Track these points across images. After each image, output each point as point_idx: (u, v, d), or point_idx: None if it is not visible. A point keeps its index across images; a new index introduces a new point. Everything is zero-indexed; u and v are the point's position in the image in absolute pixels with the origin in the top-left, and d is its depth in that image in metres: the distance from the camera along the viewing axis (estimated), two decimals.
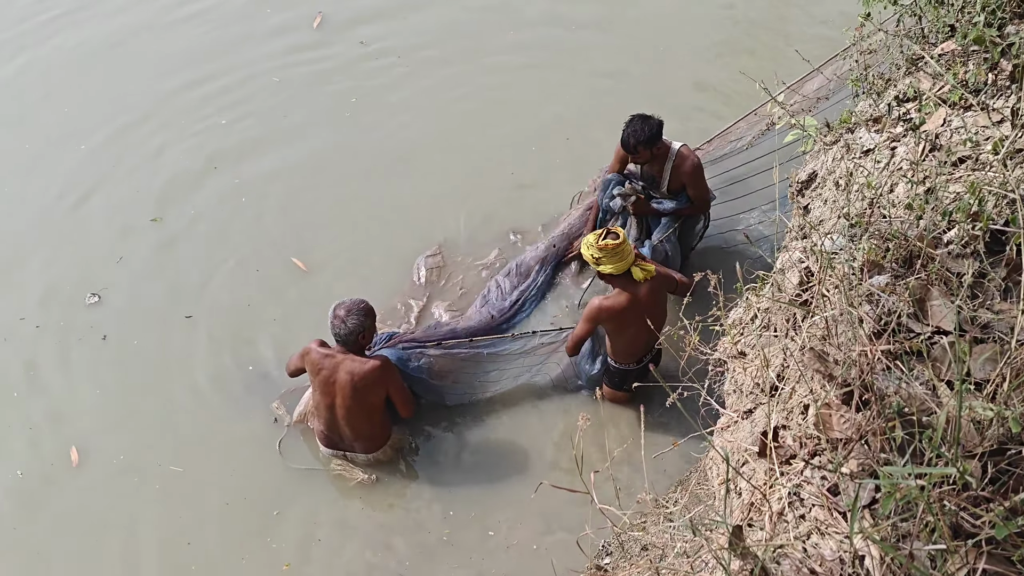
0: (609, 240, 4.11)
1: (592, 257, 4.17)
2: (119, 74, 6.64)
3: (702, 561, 2.59)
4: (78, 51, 6.84)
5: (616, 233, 4.14)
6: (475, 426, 4.66)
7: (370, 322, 4.20)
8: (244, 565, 4.18)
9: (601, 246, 4.11)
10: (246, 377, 4.86)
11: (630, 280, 4.22)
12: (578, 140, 6.05)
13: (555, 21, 7.00)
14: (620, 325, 4.29)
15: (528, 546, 4.20)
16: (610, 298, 4.26)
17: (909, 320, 2.37)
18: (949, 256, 2.52)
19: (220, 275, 5.35)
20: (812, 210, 3.58)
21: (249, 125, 6.24)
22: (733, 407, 3.13)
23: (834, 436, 2.25)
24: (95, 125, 6.23)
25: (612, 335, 4.44)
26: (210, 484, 4.45)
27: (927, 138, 3.05)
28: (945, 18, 3.53)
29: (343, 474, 4.42)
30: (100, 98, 6.44)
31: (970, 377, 2.19)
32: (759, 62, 6.19)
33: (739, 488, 2.67)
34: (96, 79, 6.61)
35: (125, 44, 6.89)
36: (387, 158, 6.02)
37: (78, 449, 4.54)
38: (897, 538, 1.96)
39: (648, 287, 4.24)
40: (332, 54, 6.78)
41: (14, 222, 5.63)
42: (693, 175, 4.80)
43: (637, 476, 4.15)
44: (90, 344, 5.00)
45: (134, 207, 5.70)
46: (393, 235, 5.56)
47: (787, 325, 2.81)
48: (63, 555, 4.21)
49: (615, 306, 4.24)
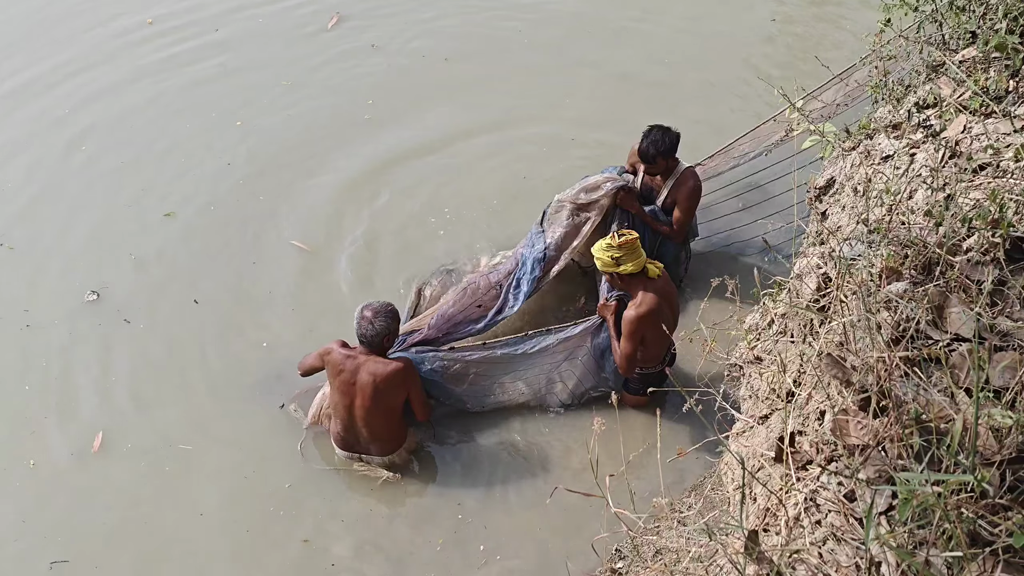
0: (628, 235, 4.10)
1: (612, 259, 4.12)
2: (128, 69, 6.73)
3: (717, 566, 2.59)
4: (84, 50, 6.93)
5: (624, 232, 4.14)
6: (490, 428, 4.67)
7: (395, 325, 4.25)
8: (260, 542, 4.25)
9: (621, 243, 4.08)
10: (260, 358, 4.95)
11: (647, 279, 4.20)
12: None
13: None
14: (656, 328, 4.18)
15: (543, 549, 4.20)
16: (641, 304, 4.18)
17: (927, 327, 2.36)
18: (968, 263, 2.51)
19: (229, 258, 5.46)
20: (830, 216, 3.56)
21: (260, 125, 6.31)
22: (749, 412, 3.13)
23: (851, 442, 2.25)
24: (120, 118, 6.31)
25: (643, 341, 4.34)
26: (225, 465, 4.52)
27: (947, 145, 3.04)
28: (966, 24, 3.52)
29: (368, 474, 4.44)
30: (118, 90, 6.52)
31: (988, 384, 2.18)
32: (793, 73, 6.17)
33: (754, 493, 2.67)
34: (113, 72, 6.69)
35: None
36: (405, 148, 6.08)
37: (102, 435, 4.61)
38: (914, 545, 1.96)
39: (663, 282, 4.25)
40: (343, 53, 6.85)
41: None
42: (688, 198, 4.82)
43: (652, 480, 4.14)
44: (104, 334, 5.08)
45: (150, 201, 5.79)
46: (401, 221, 5.66)
47: (804, 331, 2.80)
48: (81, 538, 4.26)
49: (651, 309, 4.16)
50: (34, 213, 5.72)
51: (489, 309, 4.78)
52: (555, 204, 4.94)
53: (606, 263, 4.17)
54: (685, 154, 4.94)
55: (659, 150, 4.64)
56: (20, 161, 6.05)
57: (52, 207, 5.74)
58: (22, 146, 6.17)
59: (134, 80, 6.70)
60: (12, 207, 5.74)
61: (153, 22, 7.10)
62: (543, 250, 4.80)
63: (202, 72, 6.75)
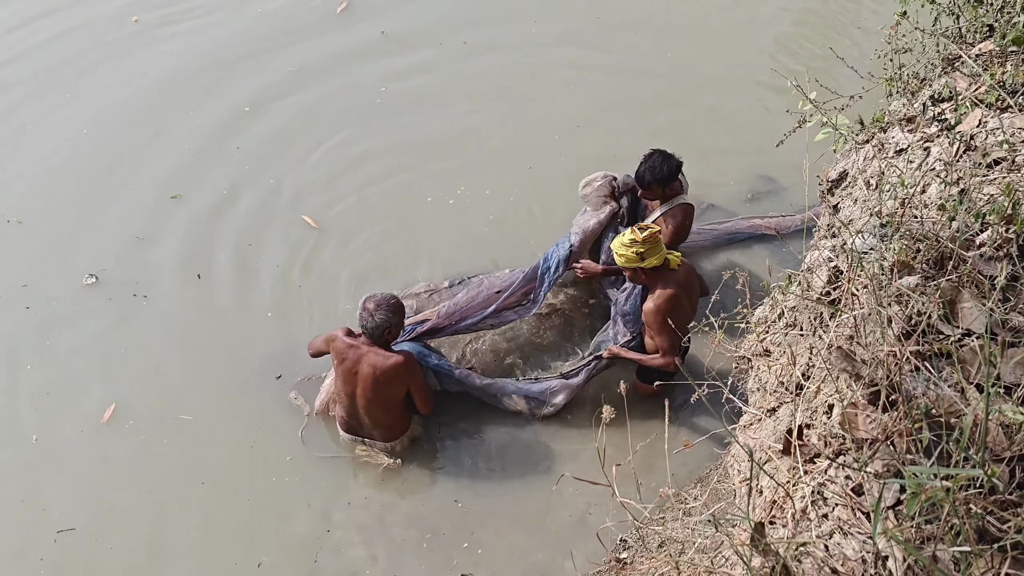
0: (651, 229, 4.11)
1: (636, 255, 4.11)
2: (151, 61, 6.73)
3: (722, 557, 2.59)
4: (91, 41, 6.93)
5: (646, 226, 4.14)
6: (496, 416, 4.67)
7: (398, 319, 4.23)
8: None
9: (646, 237, 4.07)
10: (266, 332, 5.00)
11: (669, 270, 4.21)
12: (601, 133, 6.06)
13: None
14: (676, 315, 4.15)
15: (548, 537, 4.21)
16: (660, 295, 4.18)
17: (939, 322, 2.36)
18: (981, 258, 2.50)
19: (236, 237, 5.50)
20: (842, 209, 3.55)
21: (272, 110, 6.32)
22: (757, 405, 3.13)
23: (859, 436, 2.24)
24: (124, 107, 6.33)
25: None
26: (228, 437, 4.57)
27: (962, 139, 3.02)
28: (984, 18, 3.49)
29: (369, 460, 4.46)
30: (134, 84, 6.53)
31: (1000, 381, 2.17)
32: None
33: (761, 486, 2.67)
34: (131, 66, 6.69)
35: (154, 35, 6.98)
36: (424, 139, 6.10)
37: (114, 407, 4.65)
38: (921, 540, 1.96)
39: (684, 272, 4.26)
40: (351, 41, 6.83)
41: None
42: (673, 234, 4.67)
43: (659, 471, 4.14)
44: (112, 310, 5.12)
45: (157, 183, 5.83)
46: (409, 202, 5.70)
47: (814, 323, 2.80)
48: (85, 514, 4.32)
49: (670, 296, 4.16)
50: (43, 192, 5.75)
51: (504, 293, 4.75)
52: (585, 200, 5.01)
53: (630, 259, 4.15)
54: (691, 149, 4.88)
55: (655, 177, 4.54)
56: (36, 141, 6.08)
57: (60, 188, 5.76)
58: (38, 125, 6.20)
59: (142, 66, 6.70)
60: (23, 184, 5.79)
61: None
62: (568, 248, 4.78)
63: (210, 56, 6.74)
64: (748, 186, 5.65)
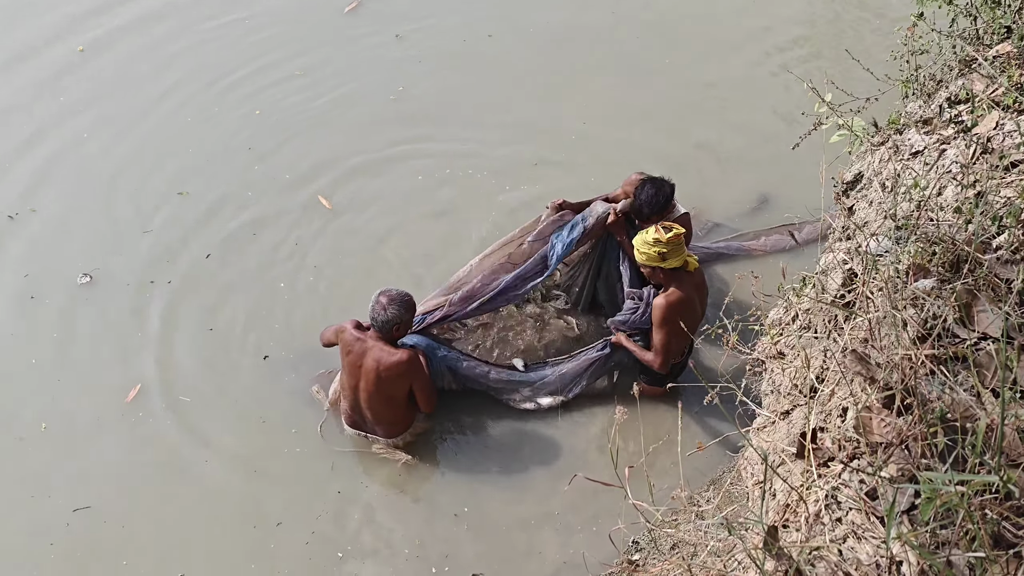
0: (676, 230, 4.09)
1: (658, 254, 4.10)
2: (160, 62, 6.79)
3: (735, 560, 2.59)
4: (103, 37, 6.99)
5: (671, 226, 4.13)
6: (507, 414, 4.67)
7: (408, 316, 4.23)
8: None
9: (670, 238, 4.06)
10: (280, 315, 5.10)
11: (686, 272, 4.21)
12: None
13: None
14: (686, 318, 4.15)
15: (559, 538, 4.21)
16: (671, 293, 4.19)
17: (955, 325, 2.34)
18: (998, 262, 2.48)
19: (244, 225, 5.61)
20: (857, 211, 3.53)
21: (279, 110, 6.38)
22: (770, 407, 3.12)
23: (874, 440, 2.23)
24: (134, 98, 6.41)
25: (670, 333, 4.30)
26: (239, 414, 4.65)
27: (978, 141, 3.00)
28: (1002, 19, 3.47)
29: (387, 456, 4.46)
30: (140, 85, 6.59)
31: (1016, 385, 2.16)
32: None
33: (774, 489, 2.66)
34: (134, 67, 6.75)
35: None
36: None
37: (139, 387, 4.74)
38: (935, 545, 1.95)
39: (700, 275, 4.27)
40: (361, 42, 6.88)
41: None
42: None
43: (672, 473, 4.13)
44: (128, 296, 5.21)
45: (163, 181, 5.91)
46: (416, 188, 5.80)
47: (828, 326, 2.78)
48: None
49: (682, 298, 4.16)
50: (54, 186, 5.83)
51: (518, 267, 4.68)
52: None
53: (651, 258, 4.14)
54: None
55: (654, 209, 4.51)
56: (50, 136, 6.16)
57: (72, 183, 5.84)
58: (54, 121, 6.27)
59: (156, 67, 6.76)
60: (35, 175, 5.88)
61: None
62: (583, 229, 4.72)
63: (220, 56, 6.78)
64: (755, 195, 5.67)
